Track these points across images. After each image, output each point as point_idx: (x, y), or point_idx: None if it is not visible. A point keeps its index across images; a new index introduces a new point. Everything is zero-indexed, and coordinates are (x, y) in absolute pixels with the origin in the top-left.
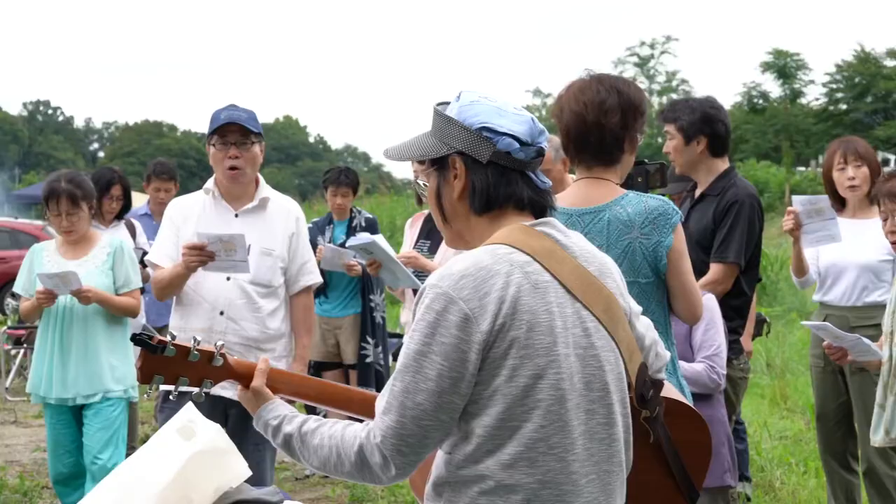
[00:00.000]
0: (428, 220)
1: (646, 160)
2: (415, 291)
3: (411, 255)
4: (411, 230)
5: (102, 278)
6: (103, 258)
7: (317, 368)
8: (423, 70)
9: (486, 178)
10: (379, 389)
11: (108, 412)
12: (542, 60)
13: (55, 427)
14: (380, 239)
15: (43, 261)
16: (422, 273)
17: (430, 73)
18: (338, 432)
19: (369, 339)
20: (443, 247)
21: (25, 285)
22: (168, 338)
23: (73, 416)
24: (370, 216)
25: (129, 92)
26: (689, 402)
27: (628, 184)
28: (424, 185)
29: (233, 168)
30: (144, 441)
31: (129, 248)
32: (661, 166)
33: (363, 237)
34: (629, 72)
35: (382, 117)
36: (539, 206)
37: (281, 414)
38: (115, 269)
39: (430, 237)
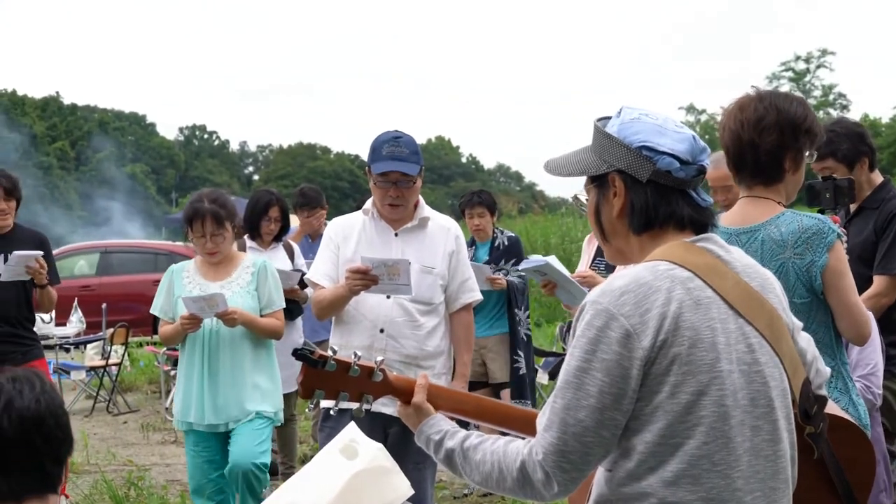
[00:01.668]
0: None
1: (835, 175)
2: None
3: (587, 273)
4: (588, 248)
5: (248, 300)
6: (248, 279)
7: None
8: (575, 87)
9: (646, 197)
10: (526, 400)
11: (257, 424)
12: (695, 76)
13: (199, 454)
14: (552, 260)
15: (183, 282)
16: None
17: (582, 91)
18: (500, 448)
19: (520, 352)
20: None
21: (164, 307)
22: (329, 353)
23: (219, 441)
24: (512, 235)
25: (282, 115)
26: (864, 420)
27: (812, 199)
28: (586, 199)
29: (393, 205)
30: (304, 460)
31: (272, 267)
32: (849, 181)
33: (536, 259)
34: (784, 87)
35: (534, 136)
36: (699, 224)
37: (443, 429)
38: (259, 290)
39: None
